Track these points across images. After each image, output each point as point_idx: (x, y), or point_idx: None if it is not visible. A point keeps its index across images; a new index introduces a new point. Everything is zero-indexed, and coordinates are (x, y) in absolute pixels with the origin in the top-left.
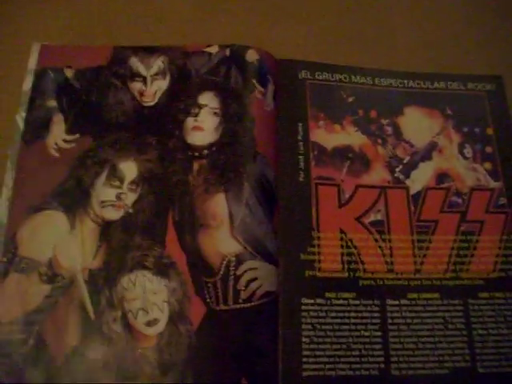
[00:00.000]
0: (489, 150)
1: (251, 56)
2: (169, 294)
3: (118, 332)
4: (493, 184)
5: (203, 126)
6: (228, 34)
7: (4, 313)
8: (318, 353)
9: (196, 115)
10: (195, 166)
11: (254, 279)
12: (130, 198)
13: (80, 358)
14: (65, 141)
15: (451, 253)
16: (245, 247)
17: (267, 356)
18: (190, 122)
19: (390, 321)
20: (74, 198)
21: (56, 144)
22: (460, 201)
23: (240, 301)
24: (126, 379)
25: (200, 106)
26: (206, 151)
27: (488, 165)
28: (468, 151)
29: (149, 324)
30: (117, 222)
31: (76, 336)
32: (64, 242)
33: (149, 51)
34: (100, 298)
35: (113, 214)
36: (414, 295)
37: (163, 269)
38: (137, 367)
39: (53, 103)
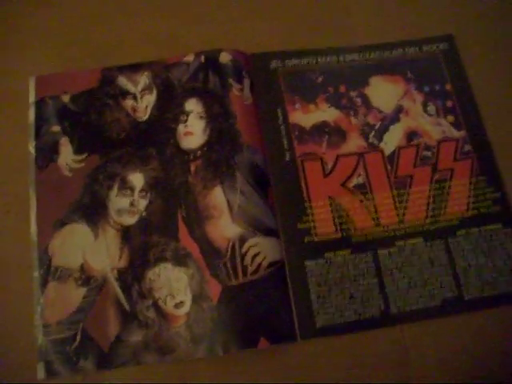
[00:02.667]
0: (449, 104)
1: (224, 58)
2: (189, 279)
3: (152, 317)
4: (457, 134)
5: (193, 131)
6: (202, 40)
7: (50, 316)
8: (326, 305)
9: (185, 121)
10: (192, 167)
11: (258, 253)
12: (142, 203)
13: (123, 344)
14: (74, 161)
15: (428, 201)
16: (245, 228)
17: (281, 316)
18: (181, 128)
19: (383, 268)
20: (92, 211)
21: (67, 164)
22: (430, 154)
23: (248, 274)
24: (165, 355)
25: (187, 113)
26: (198, 152)
27: (451, 117)
28: (431, 108)
29: (177, 306)
30: (134, 225)
31: (116, 326)
32: (91, 248)
33: (133, 69)
34: (131, 291)
35: (129, 220)
36: (401, 243)
37: (181, 259)
38: (173, 343)
39: (57, 128)
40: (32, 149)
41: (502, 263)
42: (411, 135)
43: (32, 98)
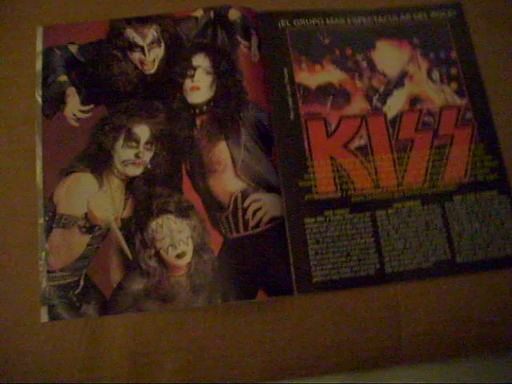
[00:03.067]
0: (454, 71)
1: (233, 14)
2: (191, 231)
3: (153, 266)
4: (459, 101)
5: (200, 86)
6: None
7: (55, 262)
8: (323, 261)
9: (192, 76)
10: (198, 121)
11: (259, 209)
12: (147, 155)
13: (125, 291)
14: (81, 111)
15: (427, 165)
16: (248, 183)
17: (279, 270)
18: (188, 83)
19: (380, 228)
20: (98, 161)
21: (74, 115)
22: (432, 120)
23: (249, 228)
24: (165, 303)
25: (194, 68)
26: (205, 107)
27: (454, 85)
28: (435, 75)
29: (178, 256)
30: (139, 176)
31: (119, 274)
32: (95, 197)
33: (142, 21)
34: (134, 240)
35: (134, 171)
36: (399, 205)
37: (184, 211)
38: (173, 292)
39: (64, 78)
40: (39, 98)
41: (495, 229)
42: (414, 100)
43: (39, 48)
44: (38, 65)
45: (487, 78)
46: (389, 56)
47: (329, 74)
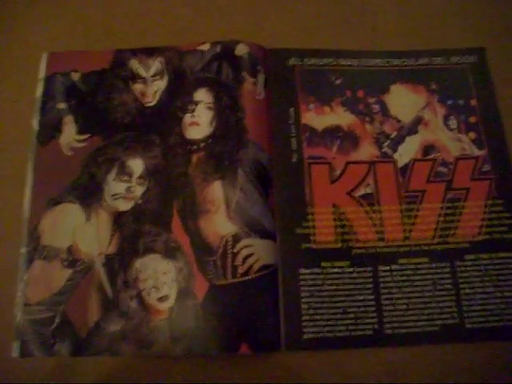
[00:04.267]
0: (473, 120)
1: (241, 50)
2: (176, 273)
3: (134, 308)
4: (477, 152)
5: (199, 121)
6: (221, 30)
7: (32, 295)
8: (316, 317)
9: (192, 111)
10: (194, 158)
11: (250, 255)
12: (139, 190)
13: (101, 332)
14: (76, 140)
15: (438, 219)
16: (241, 227)
17: (267, 323)
18: (187, 118)
19: (382, 285)
20: (88, 192)
21: (69, 143)
22: (446, 170)
23: (238, 275)
24: (142, 348)
25: (196, 103)
26: (202, 144)
27: (472, 134)
28: (453, 123)
29: (161, 300)
30: (128, 212)
31: (97, 313)
32: (81, 230)
33: (147, 53)
34: (116, 279)
35: (124, 205)
36: (404, 260)
37: (171, 252)
38: (152, 337)
39: (63, 105)
40: (36, 123)
41: (510, 294)
42: (428, 149)
43: (42, 74)
44: (39, 91)
45: (509, 128)
46: (403, 100)
47: (338, 117)
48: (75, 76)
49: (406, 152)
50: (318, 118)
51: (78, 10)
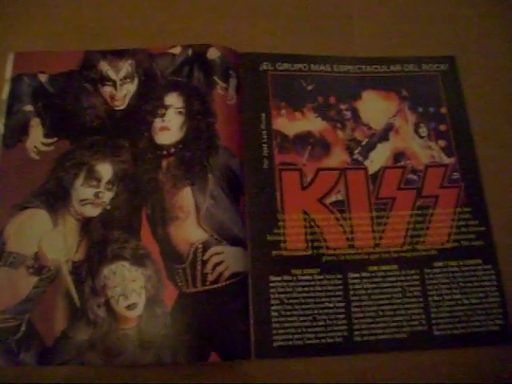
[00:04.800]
0: (443, 128)
1: (212, 54)
2: (145, 281)
3: (102, 316)
4: (447, 160)
5: (169, 126)
6: (192, 33)
7: None
8: (286, 325)
9: (163, 116)
10: (164, 163)
11: (220, 262)
12: (107, 196)
13: (68, 341)
14: (43, 144)
15: (408, 227)
16: (211, 234)
17: (237, 331)
18: (157, 122)
19: (352, 292)
20: (55, 198)
21: (35, 147)
22: (416, 178)
23: (207, 283)
24: (110, 357)
25: (166, 107)
26: (173, 149)
27: (442, 142)
28: (423, 130)
29: (129, 308)
30: (96, 218)
31: (64, 321)
32: (48, 236)
33: (117, 55)
34: (84, 286)
35: (92, 211)
36: (374, 268)
37: (139, 259)
38: (120, 346)
39: (29, 108)
40: (1, 126)
41: (477, 301)
42: (398, 156)
43: (9, 74)
44: (5, 92)
45: (478, 137)
46: (375, 107)
47: (309, 123)
48: (43, 77)
49: (377, 159)
50: (289, 123)
51: (46, 9)
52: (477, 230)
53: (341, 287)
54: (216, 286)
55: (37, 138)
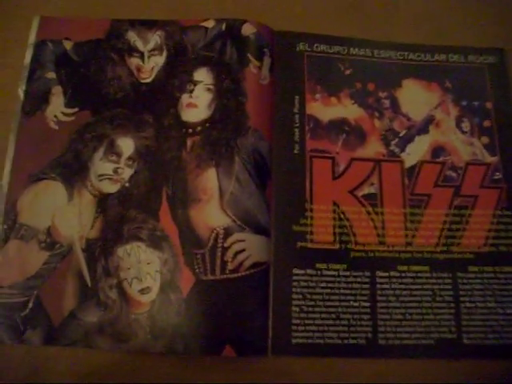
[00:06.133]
0: (487, 124)
1: (247, 30)
2: (161, 265)
3: (113, 298)
4: (489, 159)
5: (197, 103)
6: (227, 7)
7: (4, 277)
8: (307, 321)
9: (191, 92)
10: (189, 142)
11: (242, 251)
12: (127, 172)
13: (76, 322)
14: (64, 114)
15: (443, 227)
16: (233, 220)
17: (254, 325)
18: (184, 98)
19: (379, 292)
20: (72, 171)
21: (55, 116)
22: (455, 175)
23: (227, 271)
24: (119, 342)
25: (195, 83)
26: (199, 128)
27: (485, 139)
28: (466, 125)
29: (142, 291)
30: (113, 194)
31: (73, 301)
32: (62, 211)
33: (146, 25)
34: (96, 266)
35: (110, 187)
36: (404, 267)
37: (156, 241)
38: (131, 331)
39: (52, 75)
40: (21, 92)
41: None
42: (438, 151)
43: (32, 39)
44: (28, 57)
45: None
46: (416, 97)
47: (345, 109)
48: (67, 44)
49: (415, 152)
50: (324, 108)
51: None
52: None
53: (368, 286)
54: (236, 275)
55: (57, 107)
